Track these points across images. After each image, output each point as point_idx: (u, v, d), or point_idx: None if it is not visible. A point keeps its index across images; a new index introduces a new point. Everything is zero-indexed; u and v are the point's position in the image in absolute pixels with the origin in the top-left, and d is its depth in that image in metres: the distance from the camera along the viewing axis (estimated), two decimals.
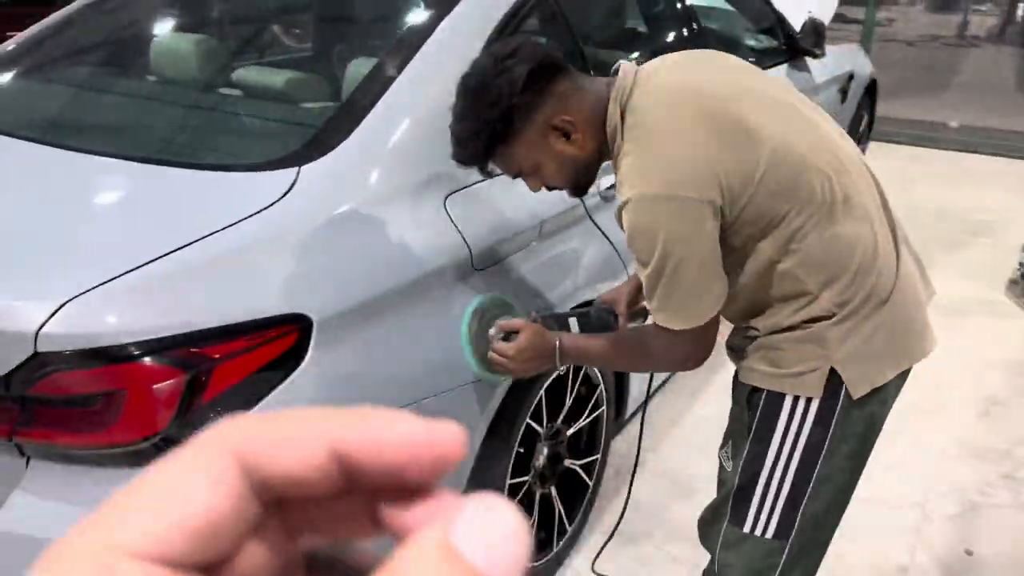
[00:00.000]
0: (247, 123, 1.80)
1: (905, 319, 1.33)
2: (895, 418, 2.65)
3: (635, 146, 1.24)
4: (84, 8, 2.25)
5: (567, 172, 1.33)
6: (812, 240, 1.25)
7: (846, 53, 3.83)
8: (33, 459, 1.28)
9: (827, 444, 1.32)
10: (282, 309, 1.31)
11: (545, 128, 1.28)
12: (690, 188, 1.19)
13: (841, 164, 1.28)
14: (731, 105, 1.23)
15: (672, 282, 1.22)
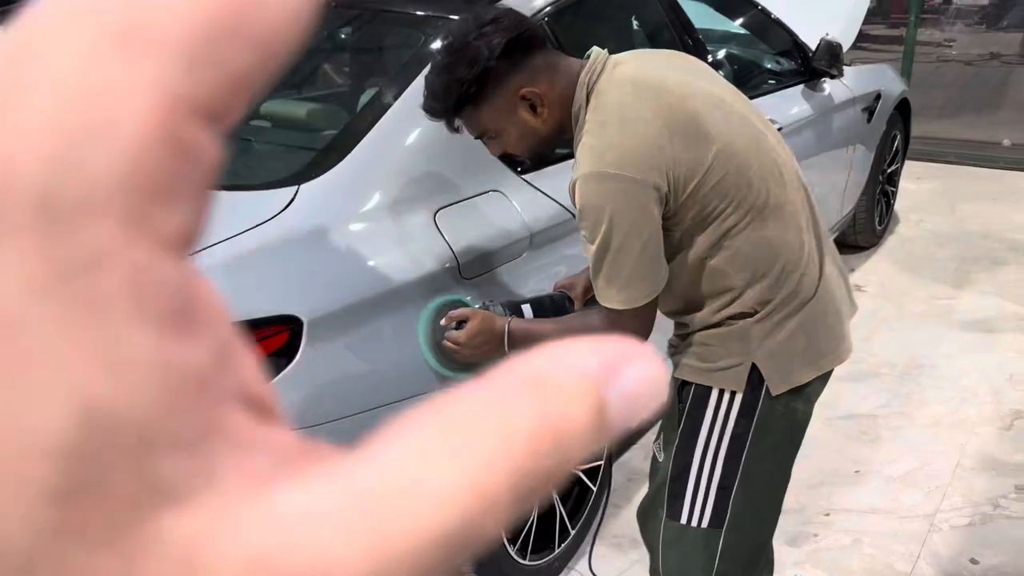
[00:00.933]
0: (259, 149, 1.98)
1: (824, 325, 1.42)
2: (912, 431, 2.70)
3: (594, 127, 1.32)
4: None
5: (527, 142, 1.41)
6: (742, 239, 1.35)
7: (873, 73, 3.86)
8: None
9: (751, 436, 1.41)
10: (275, 310, 1.47)
11: (514, 97, 1.35)
12: (639, 171, 1.27)
13: (779, 175, 1.38)
14: (687, 104, 1.33)
15: (616, 260, 1.30)
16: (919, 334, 3.43)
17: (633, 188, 1.28)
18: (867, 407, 2.93)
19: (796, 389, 1.41)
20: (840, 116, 3.39)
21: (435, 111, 1.40)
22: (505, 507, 0.14)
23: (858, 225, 4.07)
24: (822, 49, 3.17)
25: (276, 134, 2.07)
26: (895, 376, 3.13)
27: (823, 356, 1.43)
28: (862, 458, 2.66)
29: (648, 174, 1.28)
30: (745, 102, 1.47)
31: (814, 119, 3.16)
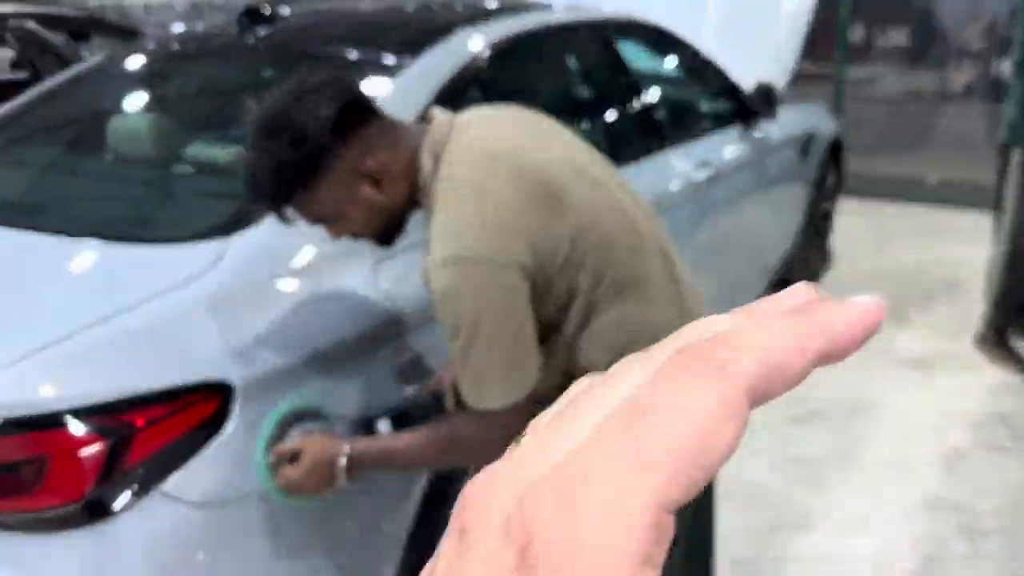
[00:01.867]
0: (183, 197, 1.88)
1: None
2: (857, 473, 2.69)
3: (446, 202, 1.19)
4: (50, 90, 2.37)
5: (375, 222, 1.26)
6: (604, 319, 1.26)
7: (804, 113, 3.92)
8: None
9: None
10: (203, 376, 1.37)
11: (353, 174, 1.20)
12: (503, 251, 1.15)
13: (641, 246, 1.30)
14: (546, 172, 1.22)
15: (487, 355, 1.15)
16: (860, 373, 3.45)
17: (497, 271, 1.15)
18: (813, 451, 2.92)
19: None
20: (775, 157, 3.43)
21: (259, 201, 1.24)
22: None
23: (796, 264, 4.11)
24: (757, 91, 3.21)
25: (200, 181, 1.97)
26: (838, 417, 3.14)
27: None
28: (810, 503, 2.64)
29: (513, 253, 1.16)
30: (602, 165, 1.38)
31: (750, 160, 3.18)
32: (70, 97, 2.32)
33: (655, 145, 2.63)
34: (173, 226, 1.69)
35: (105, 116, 2.15)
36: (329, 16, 2.57)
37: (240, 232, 1.56)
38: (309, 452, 1.30)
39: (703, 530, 1.56)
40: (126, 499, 1.30)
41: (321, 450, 1.31)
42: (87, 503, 1.28)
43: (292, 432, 1.37)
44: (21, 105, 2.29)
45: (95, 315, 1.35)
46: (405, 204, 1.27)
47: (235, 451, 1.38)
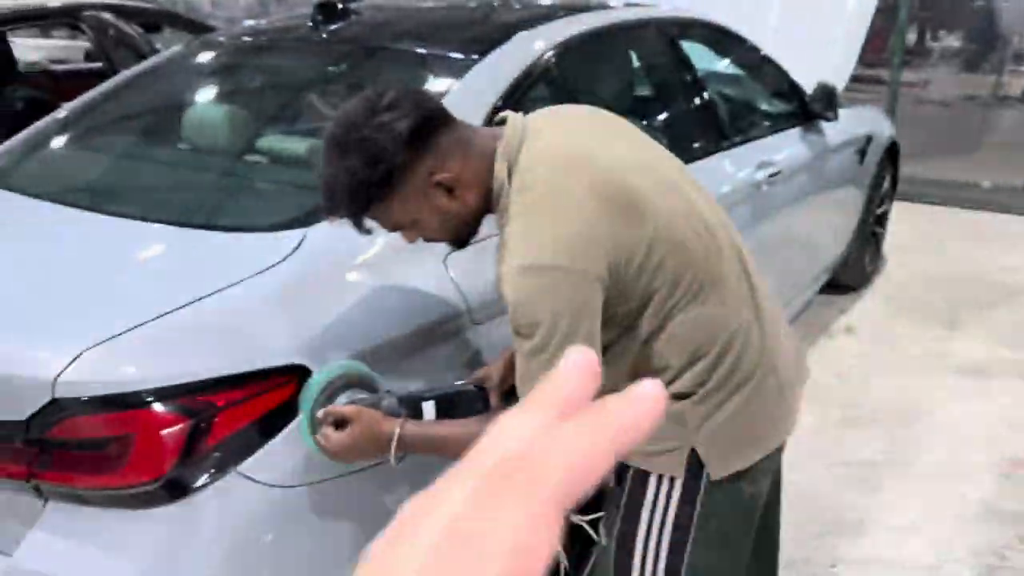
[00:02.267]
0: (261, 188, 1.92)
1: (764, 405, 1.34)
2: (911, 479, 2.66)
3: (523, 210, 1.19)
4: (126, 80, 2.43)
5: (449, 227, 1.29)
6: (680, 319, 1.26)
7: (864, 116, 3.88)
8: (51, 500, 1.37)
9: (695, 523, 1.32)
10: (282, 360, 1.40)
11: (427, 184, 1.22)
12: (580, 261, 1.15)
13: (716, 248, 1.30)
14: (620, 179, 1.22)
15: (553, 363, 1.15)
16: (914, 379, 3.41)
17: (574, 280, 1.16)
18: (866, 454, 2.89)
19: (740, 471, 1.33)
20: (835, 159, 3.40)
21: (337, 215, 1.25)
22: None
23: (849, 265, 4.07)
24: (818, 92, 3.18)
25: (277, 172, 2.01)
26: (892, 422, 3.10)
27: (765, 438, 1.36)
28: (863, 507, 2.62)
29: (589, 263, 1.16)
30: (675, 166, 1.38)
31: (811, 162, 3.15)
32: (148, 87, 2.39)
33: (716, 145, 2.62)
34: (253, 216, 1.73)
35: (182, 107, 2.21)
36: (399, 13, 2.60)
37: (316, 223, 1.59)
38: (358, 424, 1.31)
39: (771, 529, 1.56)
40: (204, 478, 1.34)
41: (370, 426, 1.32)
42: (168, 481, 1.32)
43: (340, 396, 1.37)
44: (100, 95, 2.36)
45: (179, 300, 1.40)
46: (478, 210, 1.28)
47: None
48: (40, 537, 1.37)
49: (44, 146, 2.26)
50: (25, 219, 1.82)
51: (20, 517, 1.39)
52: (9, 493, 1.40)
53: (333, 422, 1.33)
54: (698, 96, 2.70)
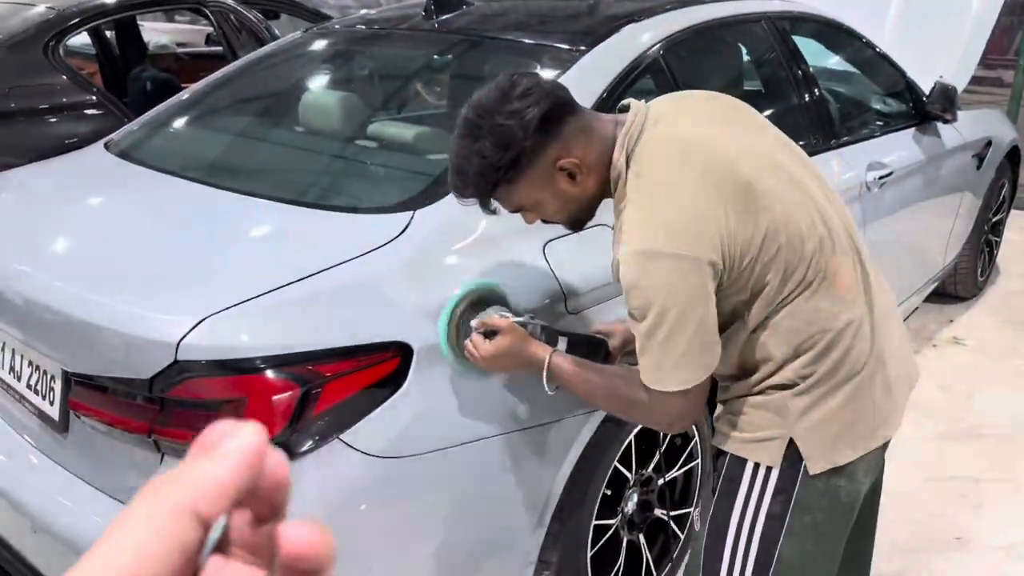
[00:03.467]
0: (372, 171, 1.99)
1: (871, 401, 1.30)
2: (1018, 500, 2.55)
3: (639, 197, 1.23)
4: (247, 65, 2.55)
5: (568, 210, 1.34)
6: (788, 312, 1.25)
7: (984, 118, 3.71)
8: (167, 455, 1.46)
9: (789, 514, 1.30)
10: (388, 336, 1.46)
11: (551, 169, 1.27)
12: (694, 248, 1.17)
13: (831, 240, 1.28)
14: (738, 167, 1.23)
15: (667, 344, 1.19)
16: (1021, 395, 3.26)
17: (687, 267, 1.18)
18: (969, 469, 2.78)
19: (839, 467, 1.31)
20: (950, 163, 3.26)
21: (466, 195, 1.31)
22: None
23: (959, 275, 3.91)
24: (937, 92, 3.06)
25: (383, 156, 2.08)
26: (998, 438, 2.98)
27: (868, 435, 1.32)
28: (964, 524, 2.52)
29: (703, 250, 1.18)
30: (795, 155, 1.36)
31: (925, 164, 3.04)
32: (267, 72, 2.50)
33: (826, 143, 2.56)
34: (364, 198, 1.80)
35: (299, 92, 2.30)
36: (510, 4, 2.64)
37: (425, 207, 1.64)
38: (508, 336, 1.41)
39: (867, 532, 1.53)
40: (309, 444, 1.41)
41: (520, 342, 1.42)
42: (276, 445, 1.39)
43: (480, 311, 1.47)
44: (222, 77, 2.48)
45: (293, 274, 1.47)
46: (597, 195, 1.33)
47: (412, 408, 1.47)
48: None
49: (170, 124, 2.40)
50: (151, 192, 1.94)
51: (138, 469, 1.49)
52: (129, 446, 1.50)
53: (484, 332, 1.43)
54: (809, 92, 2.64)
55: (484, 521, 1.65)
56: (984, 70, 8.77)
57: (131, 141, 2.31)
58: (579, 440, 1.73)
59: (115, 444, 1.53)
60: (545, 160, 1.26)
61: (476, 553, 1.66)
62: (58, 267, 1.63)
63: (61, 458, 1.66)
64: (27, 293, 1.59)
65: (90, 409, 1.53)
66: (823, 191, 1.34)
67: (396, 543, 1.53)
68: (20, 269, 1.65)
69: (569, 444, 1.72)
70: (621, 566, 2.01)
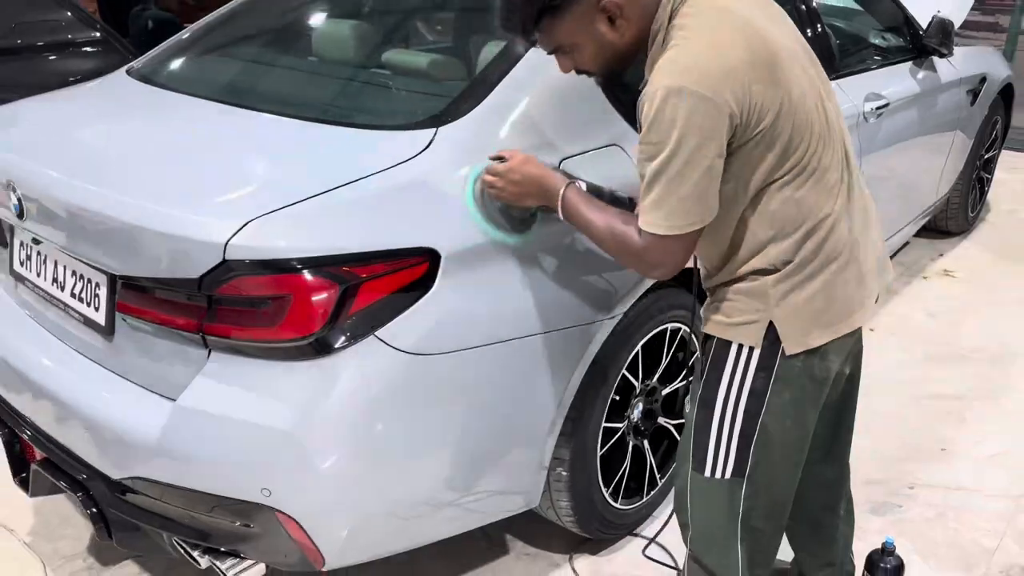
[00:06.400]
0: (397, 94, 2.08)
1: (844, 290, 1.42)
2: (997, 414, 2.70)
3: (678, 42, 1.30)
4: None
5: (603, 57, 1.39)
6: (777, 195, 1.35)
7: (979, 55, 3.79)
8: (213, 351, 1.58)
9: (769, 390, 1.43)
10: (417, 242, 1.56)
11: (594, 8, 1.33)
12: (721, 93, 1.24)
13: (829, 136, 1.38)
14: (770, 46, 1.32)
15: (675, 180, 1.27)
16: (1009, 322, 3.40)
17: (711, 109, 1.25)
18: (954, 389, 2.94)
19: (813, 349, 1.43)
20: (945, 97, 3.35)
21: (513, 23, 1.39)
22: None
23: (951, 210, 4.02)
24: (934, 26, 3.14)
25: (407, 80, 2.15)
26: (983, 361, 3.12)
27: (838, 321, 1.44)
28: (948, 437, 2.68)
29: (728, 98, 1.25)
30: (809, 54, 1.45)
31: (920, 98, 3.13)
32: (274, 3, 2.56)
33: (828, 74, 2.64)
34: (392, 116, 1.89)
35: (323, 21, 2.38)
36: None
37: (446, 124, 1.73)
38: (518, 156, 1.57)
39: (849, 409, 1.68)
40: (346, 339, 1.53)
41: (530, 159, 1.57)
42: (316, 339, 1.51)
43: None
44: (241, 6, 2.55)
45: (331, 183, 1.57)
46: (632, 46, 1.38)
47: (439, 309, 1.58)
48: (204, 382, 1.58)
49: (193, 52, 2.47)
50: (186, 112, 2.03)
51: (186, 365, 1.61)
52: (177, 343, 1.62)
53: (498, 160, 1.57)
54: (811, 27, 2.71)
55: (505, 418, 1.78)
56: (981, 15, 8.76)
57: (156, 67, 2.38)
58: (593, 345, 1.85)
59: (162, 343, 1.65)
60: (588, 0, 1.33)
61: (498, 447, 1.79)
62: (104, 178, 1.72)
63: (107, 361, 1.78)
64: (74, 203, 1.69)
65: (138, 310, 1.64)
66: (827, 92, 1.45)
67: (424, 433, 1.66)
68: (66, 181, 1.74)
69: (584, 349, 1.84)
70: (627, 468, 2.16)
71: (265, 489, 1.56)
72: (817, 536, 1.82)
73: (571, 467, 1.96)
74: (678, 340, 2.16)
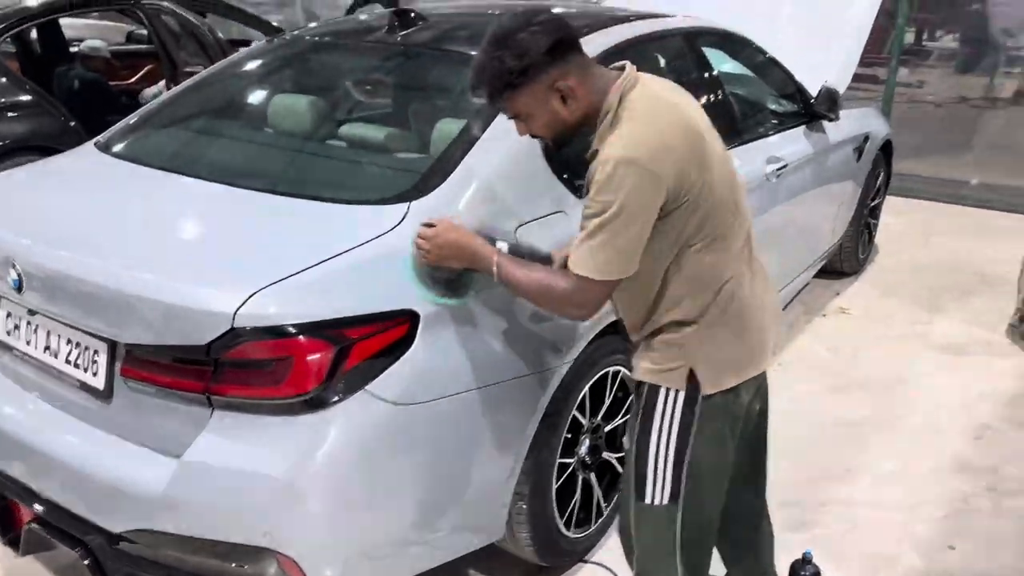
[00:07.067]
0: (372, 170, 2.30)
1: (749, 341, 1.71)
2: (893, 437, 3.05)
3: (628, 123, 1.54)
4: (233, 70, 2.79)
5: (554, 127, 1.62)
6: (694, 259, 1.62)
7: (862, 116, 4.26)
8: (216, 409, 1.75)
9: (694, 424, 1.70)
10: (400, 305, 1.78)
11: (550, 88, 1.56)
12: (662, 169, 1.50)
13: (738, 210, 1.68)
14: (699, 130, 1.60)
15: (611, 237, 1.51)
16: (900, 354, 3.81)
17: (654, 180, 1.50)
18: (854, 416, 3.29)
19: (727, 389, 1.69)
20: (835, 155, 3.78)
21: (480, 93, 1.61)
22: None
23: (844, 253, 4.46)
24: (822, 95, 3.56)
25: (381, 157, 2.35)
26: (878, 389, 3.50)
27: (746, 365, 1.72)
28: (850, 459, 3.02)
29: (667, 174, 1.50)
30: (718, 137, 1.70)
31: (814, 157, 3.54)
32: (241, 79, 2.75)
33: (732, 141, 2.99)
34: (370, 192, 2.10)
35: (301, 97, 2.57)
36: (468, 18, 2.96)
37: (418, 199, 1.96)
38: (445, 223, 1.77)
39: (762, 439, 1.96)
40: (341, 394, 1.72)
41: (453, 226, 1.77)
42: (315, 395, 1.70)
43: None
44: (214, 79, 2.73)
45: (322, 255, 1.78)
46: (579, 122, 1.62)
47: (419, 363, 1.80)
48: (208, 438, 1.75)
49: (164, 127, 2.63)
50: (168, 188, 2.19)
51: (190, 423, 1.77)
52: (178, 403, 1.78)
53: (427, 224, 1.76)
54: (716, 96, 3.07)
55: (475, 459, 1.99)
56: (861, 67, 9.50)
57: (130, 142, 2.53)
58: (550, 389, 2.09)
59: (162, 403, 1.80)
60: (547, 78, 1.56)
61: (469, 486, 2.00)
62: (106, 252, 1.88)
63: (104, 423, 1.91)
64: (78, 277, 1.84)
65: (143, 375, 1.79)
66: (736, 175, 1.74)
67: (406, 476, 1.85)
68: (69, 256, 1.89)
69: (542, 393, 2.08)
70: (578, 499, 2.39)
71: (267, 534, 1.73)
72: (745, 552, 2.09)
73: (530, 501, 2.18)
74: (618, 381, 2.42)
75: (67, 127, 4.64)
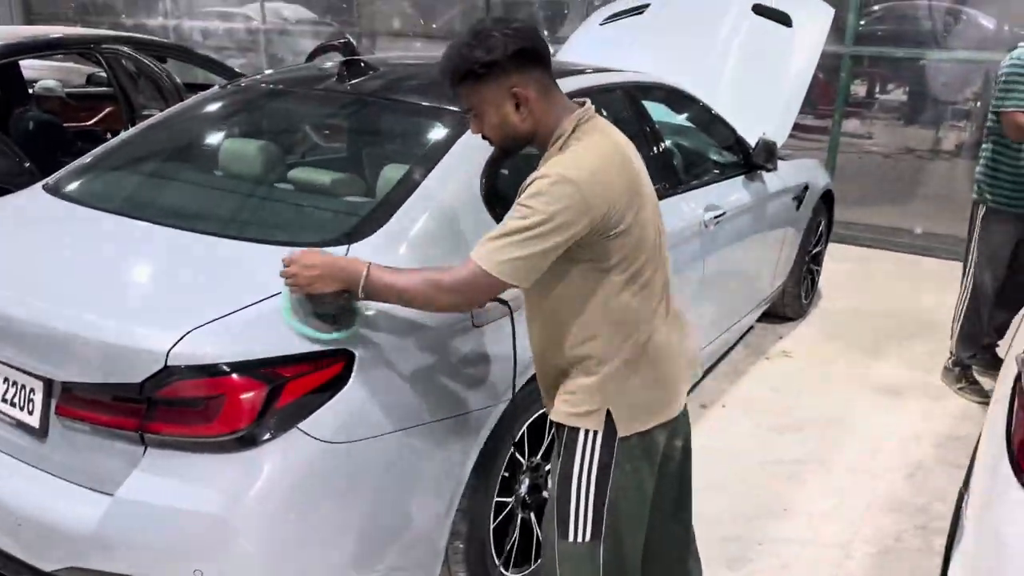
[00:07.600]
0: (312, 212, 2.35)
1: (662, 388, 1.79)
2: (829, 476, 3.14)
3: (575, 150, 1.64)
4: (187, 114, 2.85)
5: (503, 132, 1.69)
6: (615, 299, 1.69)
7: (802, 167, 4.42)
8: (149, 447, 1.77)
9: (613, 463, 1.76)
10: (334, 344, 1.83)
11: (507, 91, 1.64)
12: (595, 197, 1.57)
13: (660, 257, 1.77)
14: (638, 173, 1.70)
15: (530, 241, 1.56)
16: (840, 395, 3.92)
17: (582, 206, 1.56)
18: (793, 455, 3.37)
19: (642, 432, 1.76)
20: (774, 204, 3.92)
21: (446, 72, 1.67)
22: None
23: (786, 298, 4.59)
24: (760, 147, 3.70)
25: (321, 199, 2.41)
26: (817, 429, 3.60)
27: (659, 411, 1.79)
28: (789, 497, 3.09)
29: (598, 203, 1.58)
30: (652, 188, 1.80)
31: (752, 206, 3.66)
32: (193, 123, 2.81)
33: (672, 189, 3.11)
34: (309, 233, 2.16)
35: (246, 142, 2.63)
36: (415, 69, 3.06)
37: (357, 241, 2.02)
38: (301, 251, 1.77)
39: (686, 479, 2.02)
40: (272, 432, 1.76)
41: (327, 258, 1.73)
42: (247, 433, 1.74)
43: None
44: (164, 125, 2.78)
45: (259, 295, 1.82)
46: (527, 136, 1.70)
47: (354, 402, 1.84)
48: (141, 476, 1.77)
49: (111, 169, 2.67)
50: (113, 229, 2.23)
51: (124, 461, 1.79)
52: (112, 441, 1.80)
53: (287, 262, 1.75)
54: (657, 147, 3.19)
55: (410, 498, 2.02)
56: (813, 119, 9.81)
57: (78, 184, 2.57)
58: (486, 427, 2.14)
59: (97, 440, 1.82)
60: (507, 80, 1.63)
61: (404, 525, 2.03)
62: (43, 293, 1.91)
63: (38, 461, 1.92)
64: (15, 317, 1.86)
65: (78, 413, 1.81)
66: (660, 216, 1.82)
67: (339, 515, 1.88)
68: (5, 295, 1.91)
69: (479, 431, 2.12)
70: (516, 539, 2.42)
71: (197, 570, 1.74)
72: None
73: (467, 540, 2.21)
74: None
75: (22, 168, 4.64)
